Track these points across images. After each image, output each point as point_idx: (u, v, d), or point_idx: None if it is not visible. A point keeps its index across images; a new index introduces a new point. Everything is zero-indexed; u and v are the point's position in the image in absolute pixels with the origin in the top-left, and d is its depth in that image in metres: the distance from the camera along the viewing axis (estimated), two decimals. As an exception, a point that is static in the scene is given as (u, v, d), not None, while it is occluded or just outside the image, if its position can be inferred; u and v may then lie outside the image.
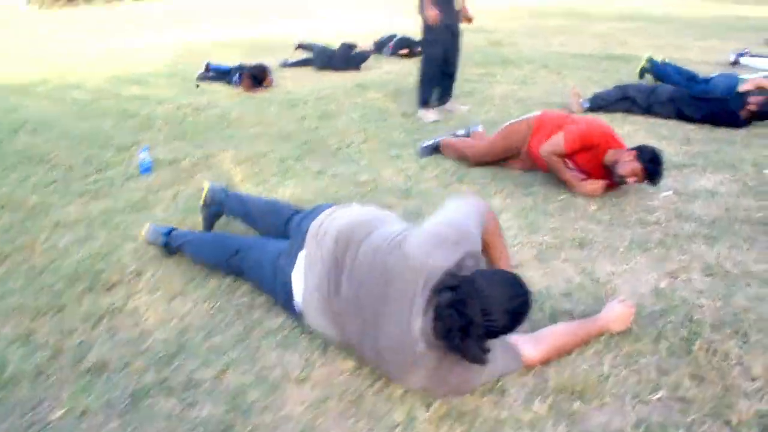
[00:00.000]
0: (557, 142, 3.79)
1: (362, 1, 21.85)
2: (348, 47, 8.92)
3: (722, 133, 5.34)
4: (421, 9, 5.44)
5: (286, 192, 4.13)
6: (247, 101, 7.03)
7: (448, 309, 1.82)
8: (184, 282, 2.98)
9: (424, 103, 5.96)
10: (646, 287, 2.85)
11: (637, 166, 3.60)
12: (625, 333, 2.44)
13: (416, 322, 1.89)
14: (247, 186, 4.28)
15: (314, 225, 2.36)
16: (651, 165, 3.60)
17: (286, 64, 9.09)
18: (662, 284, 2.88)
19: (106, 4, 26.25)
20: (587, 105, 6.05)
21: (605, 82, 7.17)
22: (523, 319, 1.89)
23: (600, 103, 6.03)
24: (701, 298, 2.74)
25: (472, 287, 1.82)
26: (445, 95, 6.13)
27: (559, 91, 6.96)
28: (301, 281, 2.33)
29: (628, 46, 10.37)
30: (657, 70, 7.08)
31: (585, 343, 2.35)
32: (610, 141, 3.83)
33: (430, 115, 5.91)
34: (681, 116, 5.69)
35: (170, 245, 3.11)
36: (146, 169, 4.61)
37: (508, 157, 4.34)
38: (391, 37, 10.01)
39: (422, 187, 4.18)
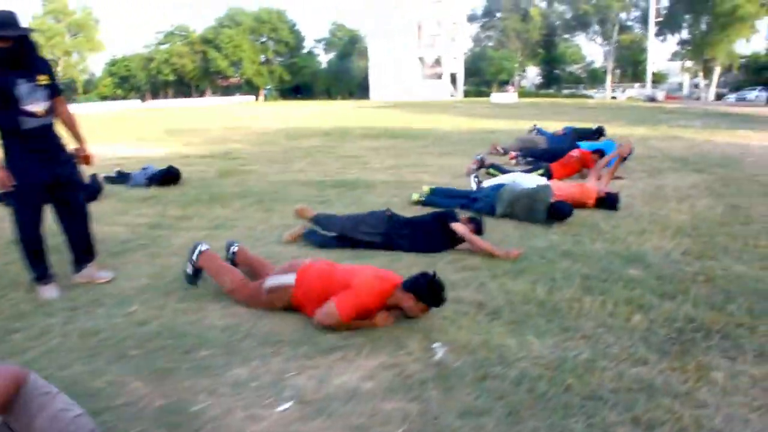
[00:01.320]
0: (331, 312, 3.36)
1: None
2: None
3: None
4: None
5: None
6: None
7: None
8: None
9: (38, 278, 4.17)
10: None
11: (420, 305, 3.39)
12: None
13: None
14: None
15: None
16: (431, 297, 3.37)
17: None
18: None
19: None
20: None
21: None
22: None
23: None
24: None
25: None
26: (79, 261, 4.39)
27: (258, 235, 5.59)
28: None
29: (367, 169, 9.64)
30: (432, 203, 6.59)
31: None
32: (383, 298, 3.46)
33: (47, 292, 4.12)
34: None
35: None
36: None
37: None
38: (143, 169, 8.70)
39: None
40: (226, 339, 3.31)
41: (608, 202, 6.39)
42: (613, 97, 54.47)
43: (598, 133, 12.05)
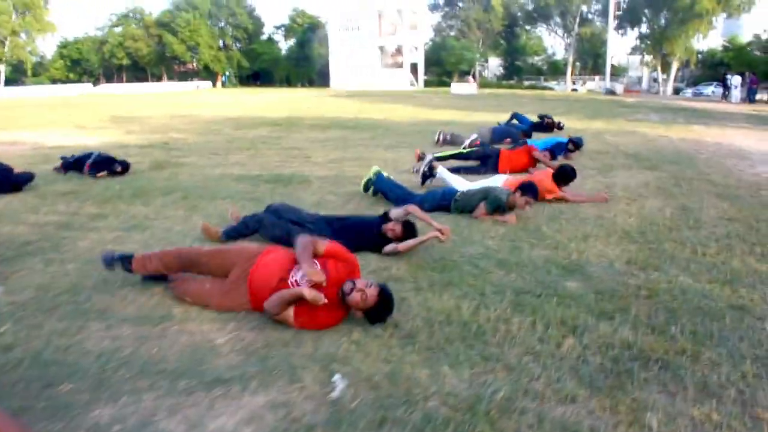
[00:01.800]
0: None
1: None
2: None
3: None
4: None
5: None
6: None
7: None
8: None
9: None
10: None
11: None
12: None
13: None
14: None
15: None
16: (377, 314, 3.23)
17: None
18: None
19: None
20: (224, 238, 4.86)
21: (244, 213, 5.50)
22: None
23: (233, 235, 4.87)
24: None
25: None
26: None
27: (173, 238, 5.04)
28: None
29: (308, 162, 9.13)
30: (380, 184, 6.37)
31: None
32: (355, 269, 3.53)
33: None
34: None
35: None
36: None
37: None
38: (87, 156, 8.06)
39: None
40: (98, 369, 2.82)
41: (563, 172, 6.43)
42: (574, 90, 54.65)
43: (552, 125, 12.02)
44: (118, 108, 24.50)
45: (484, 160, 8.16)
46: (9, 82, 70.55)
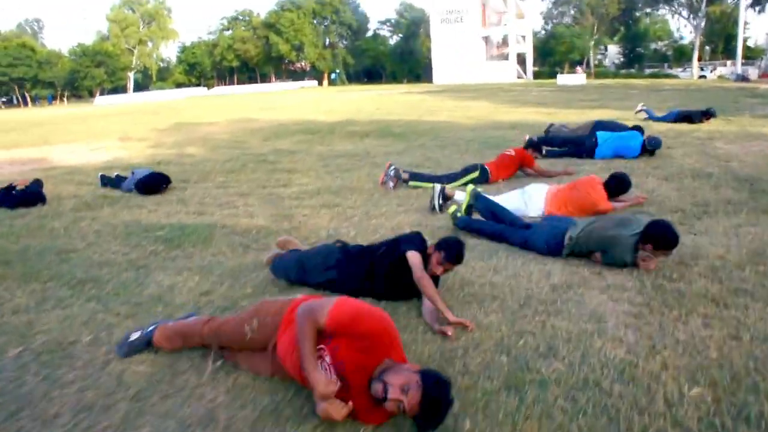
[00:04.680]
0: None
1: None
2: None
3: None
4: None
5: None
6: None
7: None
8: None
9: None
10: None
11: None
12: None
13: None
14: None
15: None
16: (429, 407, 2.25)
17: None
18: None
19: None
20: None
21: None
22: None
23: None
24: None
25: None
26: None
27: None
28: None
29: (268, 199, 6.77)
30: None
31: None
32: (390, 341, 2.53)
33: None
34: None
35: None
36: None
37: None
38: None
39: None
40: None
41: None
42: (702, 77, 48.34)
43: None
44: (194, 113, 23.78)
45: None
46: (140, 87, 74.73)
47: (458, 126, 13.84)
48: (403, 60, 71.16)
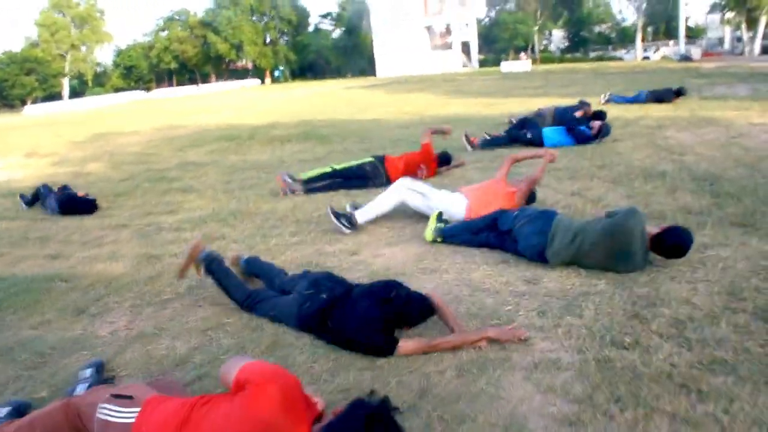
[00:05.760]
0: None
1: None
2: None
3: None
4: None
5: None
6: None
7: None
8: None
9: None
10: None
11: None
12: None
13: None
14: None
15: None
16: None
17: None
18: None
19: None
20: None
21: None
22: None
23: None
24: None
25: None
26: None
27: None
28: None
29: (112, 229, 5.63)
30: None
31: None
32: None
33: None
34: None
35: None
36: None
37: None
38: None
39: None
40: None
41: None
42: (645, 58, 48.38)
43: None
44: (121, 120, 22.18)
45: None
46: (76, 94, 71.46)
47: (390, 124, 12.80)
48: (347, 54, 69.73)
